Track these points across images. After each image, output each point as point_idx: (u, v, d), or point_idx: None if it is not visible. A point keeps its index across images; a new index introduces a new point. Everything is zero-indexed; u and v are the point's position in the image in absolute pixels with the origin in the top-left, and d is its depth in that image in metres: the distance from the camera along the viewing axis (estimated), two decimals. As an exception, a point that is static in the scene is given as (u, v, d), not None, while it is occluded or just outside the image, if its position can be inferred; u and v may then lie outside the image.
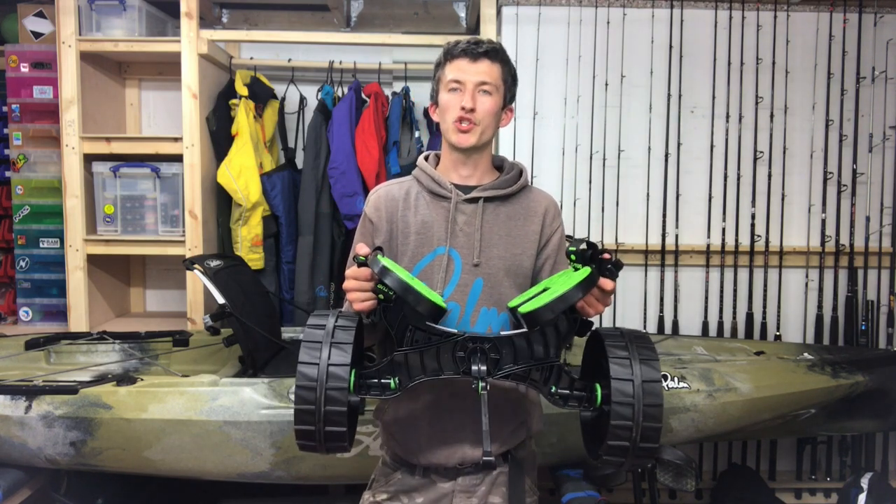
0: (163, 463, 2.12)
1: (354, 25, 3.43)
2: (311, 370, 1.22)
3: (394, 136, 3.13)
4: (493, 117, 1.51)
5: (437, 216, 1.52)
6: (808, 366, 2.45)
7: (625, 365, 1.25)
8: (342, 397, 1.21)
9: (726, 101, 3.11)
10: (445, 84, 1.50)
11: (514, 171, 1.58)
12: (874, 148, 3.13)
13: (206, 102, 3.02)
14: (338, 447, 1.26)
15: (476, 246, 1.50)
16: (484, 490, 1.54)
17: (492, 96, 1.49)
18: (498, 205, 1.54)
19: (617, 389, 1.23)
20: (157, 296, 3.53)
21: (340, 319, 1.28)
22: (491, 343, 1.32)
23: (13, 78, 3.14)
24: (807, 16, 3.12)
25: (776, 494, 2.97)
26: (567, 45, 3.09)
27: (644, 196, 3.12)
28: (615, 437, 1.23)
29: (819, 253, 3.14)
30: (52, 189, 3.13)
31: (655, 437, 1.23)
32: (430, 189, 1.54)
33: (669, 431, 2.26)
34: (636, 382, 1.24)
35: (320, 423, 1.21)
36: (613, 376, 1.24)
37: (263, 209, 3.10)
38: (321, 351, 1.23)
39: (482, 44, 1.48)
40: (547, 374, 1.35)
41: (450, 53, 1.50)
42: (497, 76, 1.49)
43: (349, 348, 1.24)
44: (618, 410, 1.23)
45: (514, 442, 1.57)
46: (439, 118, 1.53)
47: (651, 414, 1.23)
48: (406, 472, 1.56)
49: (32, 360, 2.55)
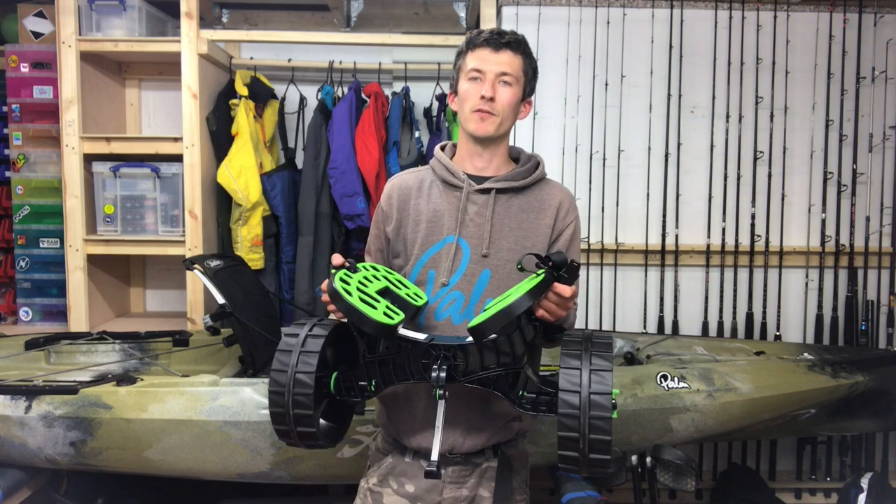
0: (163, 463, 2.12)
1: (354, 25, 3.43)
2: (280, 377, 1.33)
3: (394, 136, 3.13)
4: (512, 109, 1.51)
5: (449, 205, 1.52)
6: (808, 366, 2.44)
7: (573, 375, 1.23)
8: (308, 401, 1.32)
9: (726, 101, 3.11)
10: (466, 73, 1.50)
11: (531, 164, 1.58)
12: (874, 148, 3.13)
13: (206, 102, 3.02)
14: (313, 445, 1.38)
15: (486, 237, 1.50)
16: (473, 482, 1.54)
17: (512, 87, 1.49)
18: (511, 196, 1.54)
19: (563, 400, 1.22)
20: (157, 296, 3.53)
21: (315, 328, 1.38)
22: (454, 350, 1.34)
23: (13, 78, 3.14)
24: (807, 16, 3.12)
25: (776, 494, 2.97)
26: (567, 45, 3.09)
27: (644, 196, 3.12)
28: (564, 448, 1.23)
29: (819, 253, 3.14)
30: (52, 189, 3.14)
31: (605, 449, 1.21)
32: (444, 178, 1.55)
33: (669, 431, 2.26)
34: (583, 394, 1.21)
35: (291, 424, 1.34)
36: (561, 387, 1.22)
37: (263, 209, 3.10)
38: (290, 358, 1.34)
39: (505, 34, 1.49)
40: (513, 380, 1.36)
41: (472, 42, 1.50)
42: (518, 68, 1.50)
43: (315, 357, 1.33)
44: (564, 422, 1.21)
45: (504, 437, 1.56)
46: (458, 107, 1.53)
47: (598, 426, 1.20)
48: (397, 454, 1.57)
49: (32, 360, 2.55)
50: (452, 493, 1.53)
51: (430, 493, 1.54)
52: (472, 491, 1.54)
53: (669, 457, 2.08)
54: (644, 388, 2.23)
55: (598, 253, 3.13)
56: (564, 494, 2.11)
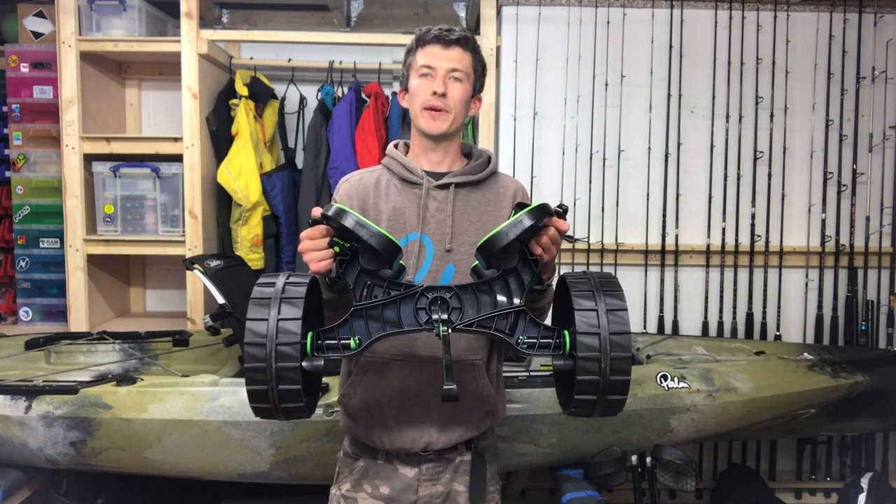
0: (163, 463, 2.12)
1: (354, 25, 3.43)
2: (260, 326, 1.16)
3: (394, 137, 3.13)
4: (464, 104, 1.52)
5: (409, 203, 1.52)
6: (808, 366, 2.45)
7: (590, 317, 1.19)
8: (294, 352, 1.15)
9: (726, 101, 3.11)
10: (416, 69, 1.51)
11: (483, 158, 1.60)
12: (874, 148, 3.13)
13: (206, 102, 3.02)
14: (295, 410, 1.20)
15: (448, 232, 1.51)
16: (447, 477, 1.54)
17: (462, 83, 1.50)
18: (469, 191, 1.55)
19: (582, 343, 1.18)
20: (157, 296, 3.53)
21: (292, 277, 1.24)
22: (452, 293, 1.29)
23: (13, 78, 3.14)
24: (807, 16, 3.12)
25: (776, 494, 2.97)
26: (567, 45, 3.09)
27: (644, 196, 3.12)
28: (582, 392, 1.19)
29: (819, 253, 3.14)
30: (52, 189, 3.13)
31: (624, 390, 1.19)
32: (401, 176, 1.55)
33: (669, 431, 2.26)
34: (603, 335, 1.17)
35: (273, 382, 1.15)
36: (579, 330, 1.18)
37: (263, 209, 3.10)
38: (270, 308, 1.17)
39: (454, 31, 1.50)
40: (513, 323, 1.29)
41: (421, 40, 1.51)
42: (468, 64, 1.51)
43: (301, 303, 1.18)
44: (583, 365, 1.18)
45: (479, 430, 1.57)
46: (408, 104, 1.55)
47: (618, 367, 1.17)
48: (369, 458, 1.56)
49: (32, 360, 2.55)
50: (428, 490, 1.53)
51: (406, 493, 1.53)
52: (446, 486, 1.54)
53: (669, 457, 2.08)
54: (644, 388, 2.23)
55: (598, 253, 3.13)
56: (564, 494, 2.11)
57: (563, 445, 2.20)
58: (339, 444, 1.65)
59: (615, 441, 2.21)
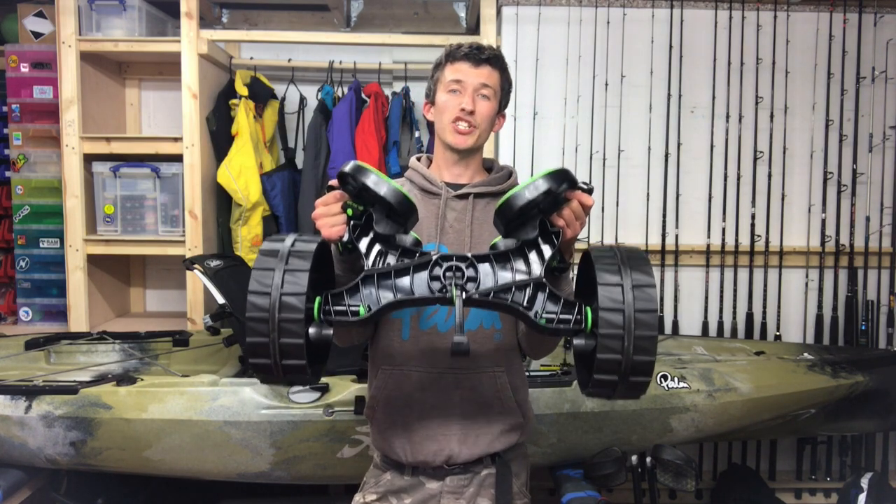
0: (163, 463, 2.12)
1: (354, 25, 3.43)
2: (261, 300, 1.11)
3: (394, 136, 3.13)
4: (490, 121, 1.54)
5: (428, 213, 1.53)
6: (808, 366, 2.45)
7: (615, 292, 1.11)
8: (298, 329, 1.11)
9: (726, 101, 3.12)
10: (445, 84, 1.51)
11: (505, 171, 1.61)
12: (874, 148, 3.13)
13: (206, 102, 3.02)
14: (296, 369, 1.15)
15: (466, 241, 1.50)
16: (472, 491, 1.53)
17: (490, 101, 1.51)
18: (488, 202, 1.55)
19: (605, 320, 1.10)
20: (157, 296, 3.53)
21: (297, 243, 1.18)
22: (468, 262, 1.22)
23: (13, 78, 3.14)
24: (807, 16, 3.12)
25: (776, 494, 2.97)
26: (567, 45, 3.09)
27: (644, 196, 3.12)
28: (602, 371, 1.12)
29: (819, 253, 3.14)
30: (52, 189, 3.13)
31: (648, 371, 1.11)
32: (422, 186, 1.56)
33: (669, 431, 2.26)
34: (627, 312, 1.10)
35: (274, 333, 1.11)
36: (602, 305, 1.11)
37: (263, 209, 3.10)
38: (273, 278, 1.12)
39: (485, 50, 1.50)
40: (531, 296, 1.21)
41: (452, 56, 1.51)
42: (496, 82, 1.52)
43: (309, 257, 1.14)
44: (605, 343, 1.10)
45: (505, 444, 1.55)
46: (434, 118, 1.55)
47: (643, 347, 1.10)
48: (395, 472, 1.56)
49: (32, 360, 2.55)
50: (451, 503, 1.52)
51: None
52: (470, 501, 1.53)
53: (669, 457, 2.08)
54: (644, 388, 2.22)
55: (598, 253, 3.12)
56: (564, 494, 2.11)
57: (563, 445, 2.20)
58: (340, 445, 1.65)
59: (615, 441, 2.21)
